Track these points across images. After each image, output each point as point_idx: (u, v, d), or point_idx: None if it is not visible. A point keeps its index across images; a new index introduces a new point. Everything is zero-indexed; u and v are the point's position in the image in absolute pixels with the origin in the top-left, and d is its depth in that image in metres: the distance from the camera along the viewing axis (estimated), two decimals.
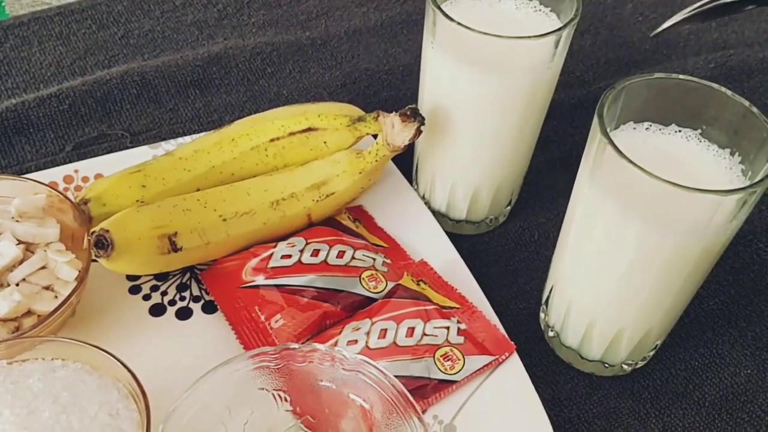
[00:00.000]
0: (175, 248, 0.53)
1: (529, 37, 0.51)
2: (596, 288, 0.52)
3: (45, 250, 0.52)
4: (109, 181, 0.56)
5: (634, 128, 0.50)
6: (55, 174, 0.61)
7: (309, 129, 0.60)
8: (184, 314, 0.55)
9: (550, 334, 0.58)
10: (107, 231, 0.50)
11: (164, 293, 0.56)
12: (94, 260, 0.52)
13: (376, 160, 0.59)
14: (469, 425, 0.51)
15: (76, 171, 0.62)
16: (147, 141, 0.68)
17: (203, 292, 0.57)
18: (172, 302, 0.56)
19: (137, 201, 0.55)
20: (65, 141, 0.68)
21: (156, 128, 0.70)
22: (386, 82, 0.77)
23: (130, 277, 0.57)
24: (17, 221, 0.52)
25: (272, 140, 0.60)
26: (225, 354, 0.51)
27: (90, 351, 0.46)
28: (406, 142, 0.57)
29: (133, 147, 0.66)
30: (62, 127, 0.69)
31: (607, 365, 0.56)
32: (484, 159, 0.59)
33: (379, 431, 0.47)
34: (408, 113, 0.56)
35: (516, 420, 0.51)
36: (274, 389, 0.48)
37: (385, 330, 0.53)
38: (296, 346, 0.48)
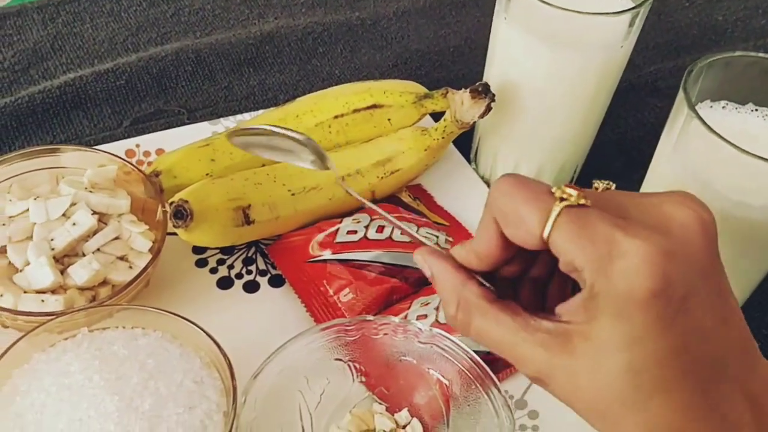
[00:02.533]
0: (248, 221, 0.53)
1: (606, 13, 0.51)
2: None
3: (118, 221, 0.52)
4: (179, 154, 0.56)
5: (711, 106, 0.50)
6: (117, 148, 0.61)
7: (374, 106, 0.60)
8: (251, 287, 0.55)
9: None
10: (186, 201, 0.50)
11: (231, 267, 0.56)
12: (170, 233, 0.52)
13: (443, 137, 0.59)
14: (540, 400, 0.51)
15: (137, 145, 0.62)
16: (203, 118, 0.68)
17: (269, 266, 0.57)
18: (239, 275, 0.56)
19: (206, 174, 0.56)
20: (123, 116, 0.68)
21: (212, 105, 0.70)
22: (437, 63, 0.77)
23: (195, 251, 0.57)
24: (90, 191, 0.52)
25: (336, 117, 0.60)
26: (295, 325, 0.51)
27: (170, 319, 0.46)
28: (475, 119, 0.57)
29: (191, 123, 0.66)
30: (119, 103, 0.69)
31: None
32: (552, 136, 0.59)
33: (457, 403, 0.47)
34: (479, 89, 0.56)
35: None
36: (350, 360, 0.49)
37: None
38: (372, 318, 0.49)
